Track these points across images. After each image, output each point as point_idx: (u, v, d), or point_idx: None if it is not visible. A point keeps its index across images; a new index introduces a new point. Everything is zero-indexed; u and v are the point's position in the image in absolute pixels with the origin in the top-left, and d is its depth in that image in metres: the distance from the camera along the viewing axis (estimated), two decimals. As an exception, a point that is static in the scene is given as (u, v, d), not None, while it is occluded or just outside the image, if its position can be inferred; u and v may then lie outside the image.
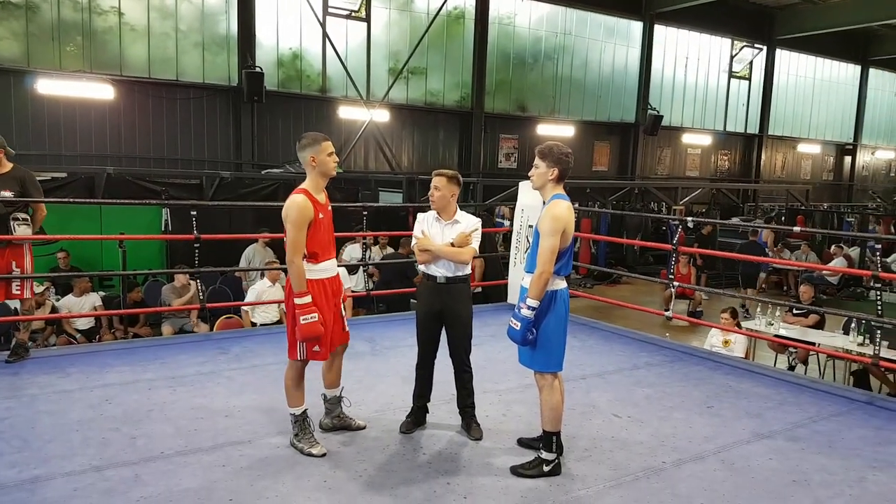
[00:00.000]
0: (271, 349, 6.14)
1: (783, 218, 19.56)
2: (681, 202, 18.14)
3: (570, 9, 20.42)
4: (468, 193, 14.53)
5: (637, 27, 21.90)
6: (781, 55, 25.66)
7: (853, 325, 7.97)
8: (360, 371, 5.45)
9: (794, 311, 9.13)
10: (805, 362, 8.71)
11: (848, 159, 29.73)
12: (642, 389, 5.42)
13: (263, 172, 14.13)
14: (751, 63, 25.00)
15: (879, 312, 5.77)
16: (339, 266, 4.46)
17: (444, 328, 4.32)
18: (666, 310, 7.52)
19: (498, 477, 3.81)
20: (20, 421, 4.32)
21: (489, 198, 13.87)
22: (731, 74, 24.69)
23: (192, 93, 15.07)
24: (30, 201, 5.73)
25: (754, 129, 25.85)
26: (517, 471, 3.84)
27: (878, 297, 5.87)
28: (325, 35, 16.46)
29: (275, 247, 10.44)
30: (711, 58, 24.06)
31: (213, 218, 10.46)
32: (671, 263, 7.52)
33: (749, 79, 25.25)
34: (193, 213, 6.52)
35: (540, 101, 20.56)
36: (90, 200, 9.61)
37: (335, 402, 4.35)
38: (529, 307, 3.69)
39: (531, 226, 7.61)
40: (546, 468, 3.82)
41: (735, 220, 18.56)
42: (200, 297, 7.05)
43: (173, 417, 4.47)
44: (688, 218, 7.36)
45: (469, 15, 18.64)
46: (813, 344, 8.15)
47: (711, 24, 23.25)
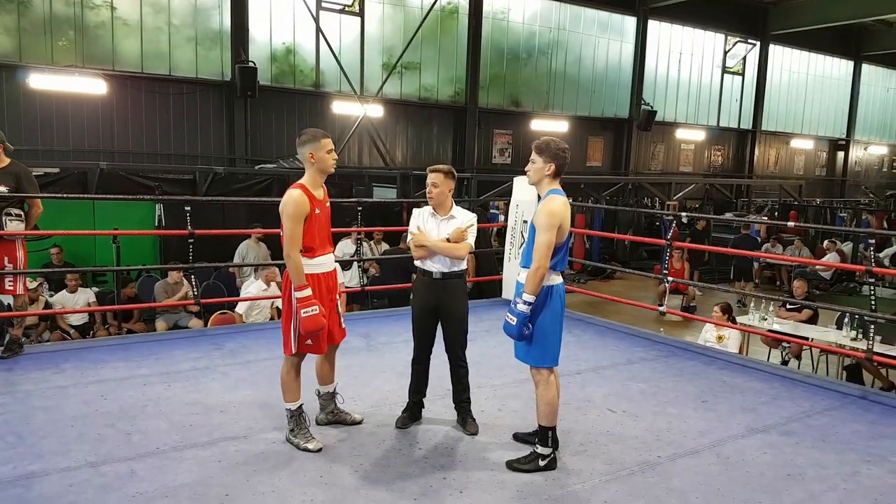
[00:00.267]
0: (266, 345, 6.13)
1: (776, 213, 19.61)
2: (674, 197, 18.17)
3: (564, 4, 20.43)
4: (462, 189, 14.51)
5: (631, 22, 21.91)
6: (775, 50, 25.72)
7: (846, 320, 8.00)
8: (356, 367, 5.45)
9: (788, 307, 9.16)
10: (798, 357, 8.75)
11: (841, 155, 29.86)
12: (637, 384, 5.43)
13: (257, 168, 14.12)
14: (744, 58, 25.05)
15: (873, 307, 5.80)
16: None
17: (440, 323, 4.32)
18: (660, 305, 7.54)
19: (494, 471, 3.82)
20: (15, 417, 4.30)
21: (483, 193, 13.86)
22: (725, 70, 24.75)
23: (185, 88, 15.02)
24: (24, 197, 5.70)
25: (748, 125, 25.93)
26: (513, 465, 3.84)
27: (872, 292, 5.89)
28: (319, 30, 16.42)
29: (268, 242, 10.43)
30: (705, 53, 24.10)
31: (207, 213, 10.43)
32: (665, 259, 7.54)
33: (742, 74, 25.30)
34: (187, 209, 6.49)
35: (534, 97, 20.56)
36: (83, 196, 9.58)
37: (329, 399, 4.35)
38: (525, 302, 3.69)
39: (526, 221, 7.61)
40: (542, 463, 3.83)
41: (728, 216, 18.64)
42: (195, 293, 7.03)
43: (168, 413, 4.46)
44: (682, 213, 7.37)
45: (463, 10, 18.63)
46: (806, 339, 8.19)
47: (705, 20, 23.30)
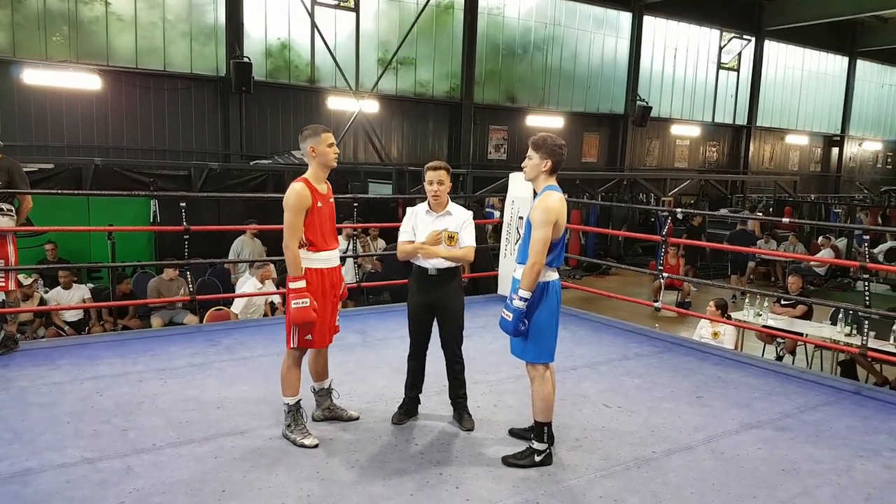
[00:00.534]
0: (262, 341, 6.14)
1: (771, 209, 19.67)
2: (669, 193, 18.21)
3: (560, -1, 20.45)
4: (458, 185, 14.52)
5: (626, 18, 21.91)
6: (770, 46, 25.75)
7: (840, 316, 8.04)
8: (352, 363, 5.46)
9: (783, 302, 9.20)
10: (793, 353, 8.78)
11: (835, 150, 29.92)
12: (632, 380, 5.45)
13: (252, 163, 14.09)
14: (739, 54, 25.07)
15: (867, 303, 5.82)
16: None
17: (436, 320, 4.33)
18: (655, 301, 7.56)
19: (490, 467, 3.83)
20: (11, 413, 4.30)
21: (479, 189, 13.88)
22: (720, 65, 24.77)
23: (180, 83, 14.98)
24: (15, 192, 5.69)
25: (743, 121, 25.97)
26: (509, 461, 3.86)
27: (866, 288, 5.92)
28: (314, 25, 16.38)
29: (264, 239, 10.41)
30: (700, 49, 24.12)
31: (202, 209, 10.41)
32: (660, 255, 7.55)
33: (738, 70, 25.33)
34: (182, 205, 6.48)
35: (529, 92, 20.56)
36: (78, 192, 9.54)
37: (325, 395, 4.36)
38: (521, 298, 3.70)
39: (521, 217, 7.62)
40: (537, 458, 3.84)
41: (723, 212, 18.68)
42: (190, 290, 7.02)
43: (164, 409, 4.46)
44: (677, 210, 7.39)
45: (458, 5, 18.60)
46: (801, 335, 8.22)
47: (700, 15, 23.31)
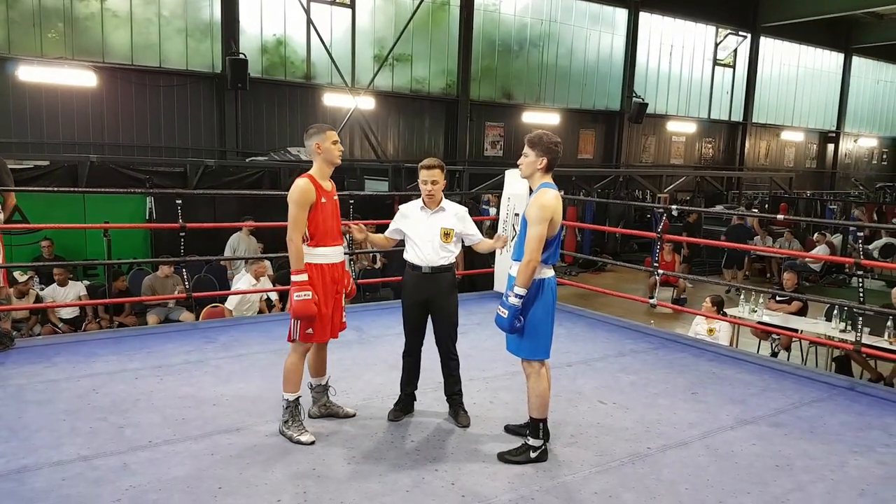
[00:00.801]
0: (258, 338, 6.15)
1: (766, 205, 19.72)
2: (665, 190, 18.23)
3: (556, -5, 20.44)
4: (454, 182, 14.53)
5: (622, 14, 21.90)
6: (766, 43, 25.77)
7: (835, 312, 8.07)
8: (348, 360, 5.47)
9: (777, 298, 9.23)
10: (788, 349, 8.82)
11: (831, 147, 29.96)
12: (627, 376, 5.47)
13: (248, 160, 14.07)
14: (735, 51, 25.07)
15: (861, 299, 5.85)
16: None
17: (430, 317, 4.34)
18: (650, 297, 7.58)
19: (485, 463, 3.84)
20: (7, 411, 4.30)
21: (475, 186, 13.87)
22: (716, 62, 24.78)
23: (176, 80, 14.94)
24: (4, 190, 5.68)
25: (738, 117, 25.99)
26: (504, 457, 3.87)
27: (860, 284, 5.94)
28: (310, 21, 16.35)
29: (259, 235, 10.41)
30: (696, 45, 24.12)
31: (198, 206, 10.42)
32: (655, 251, 7.58)
33: (733, 66, 25.34)
34: (178, 202, 6.48)
35: (525, 89, 20.54)
36: (73, 189, 9.54)
37: (321, 391, 4.37)
38: (517, 295, 3.71)
39: (517, 214, 7.62)
40: (533, 454, 3.86)
41: (719, 208, 18.73)
42: (186, 287, 7.02)
43: (160, 406, 4.47)
44: (672, 206, 7.41)
45: (454, 1, 18.56)
46: (796, 331, 8.25)
47: (696, 12, 23.32)
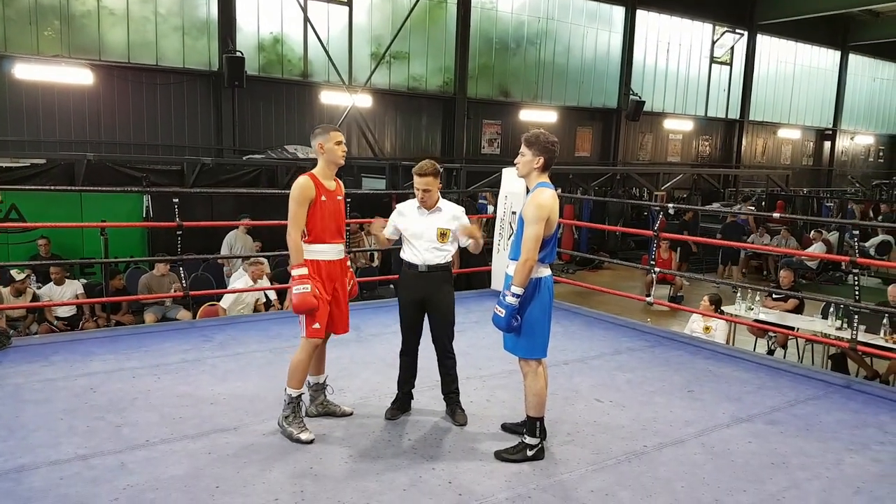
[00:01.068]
0: (255, 336, 6.16)
1: (763, 203, 19.74)
2: (662, 188, 18.24)
3: (553, -7, 20.43)
4: (451, 180, 14.52)
5: (619, 12, 21.90)
6: (762, 40, 25.80)
7: (831, 310, 8.09)
8: (345, 358, 5.47)
9: (774, 296, 9.25)
10: (784, 346, 8.84)
11: (827, 144, 30.03)
12: (624, 374, 5.48)
13: (245, 158, 14.06)
14: (732, 48, 25.10)
15: (857, 297, 5.87)
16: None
17: (427, 315, 4.35)
18: (647, 295, 7.60)
19: (482, 462, 3.85)
20: (5, 410, 4.31)
21: (472, 184, 13.87)
22: (713, 60, 24.80)
23: (173, 78, 14.92)
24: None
25: (735, 115, 26.02)
26: (501, 455, 3.88)
27: (856, 282, 5.96)
28: (307, 19, 16.33)
29: (257, 233, 10.40)
30: (693, 43, 24.14)
31: (195, 204, 10.41)
32: (652, 249, 7.59)
33: (730, 64, 25.36)
34: (175, 201, 6.48)
35: (523, 87, 20.54)
36: (70, 188, 9.53)
37: (319, 390, 4.38)
38: (514, 294, 3.72)
39: (515, 212, 7.63)
40: (530, 453, 3.87)
41: (716, 206, 18.75)
42: (183, 285, 7.02)
43: (158, 405, 4.47)
44: (669, 205, 7.42)
45: (451, -1, 18.58)
46: (792, 328, 8.28)
47: (693, 10, 23.33)
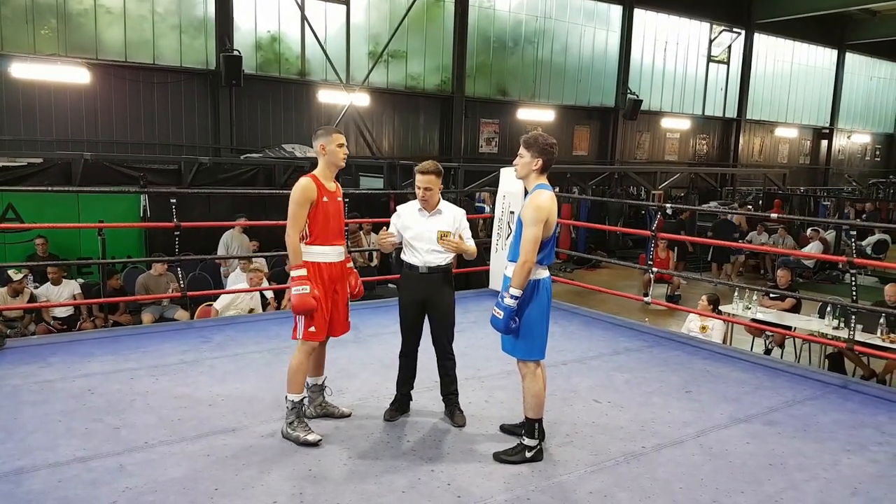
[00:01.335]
0: (253, 337, 6.15)
1: (760, 201, 19.77)
2: (660, 186, 18.25)
3: (550, -8, 20.43)
4: (449, 179, 14.51)
5: (616, 11, 21.92)
6: (760, 39, 25.83)
7: (828, 309, 8.11)
8: (344, 359, 5.47)
9: (771, 295, 9.27)
10: (781, 345, 8.86)
11: (824, 143, 30.07)
12: (622, 374, 5.49)
13: (242, 157, 14.05)
14: (729, 47, 25.13)
15: (854, 298, 5.88)
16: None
17: (427, 317, 4.35)
18: (645, 294, 7.61)
19: (481, 463, 3.86)
20: (2, 412, 4.30)
21: (470, 183, 13.87)
22: (710, 59, 24.82)
23: (170, 77, 14.90)
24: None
25: (732, 114, 26.05)
26: (500, 457, 3.89)
27: (853, 282, 5.97)
28: (304, 18, 16.32)
29: (254, 232, 10.39)
30: (690, 42, 24.16)
31: (192, 204, 10.39)
32: (650, 249, 7.60)
33: (727, 63, 25.39)
34: (173, 201, 6.47)
35: (520, 86, 20.55)
36: (67, 189, 9.52)
37: (318, 391, 4.37)
38: (512, 296, 3.73)
39: (513, 212, 7.64)
40: (528, 454, 3.88)
41: (713, 204, 18.77)
42: (181, 286, 7.02)
43: (156, 407, 4.47)
44: (666, 205, 7.43)
45: (449, -2, 18.57)
46: (789, 328, 8.30)
47: (690, 8, 23.36)
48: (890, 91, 32.20)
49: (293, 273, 3.98)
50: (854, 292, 5.89)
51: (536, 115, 20.70)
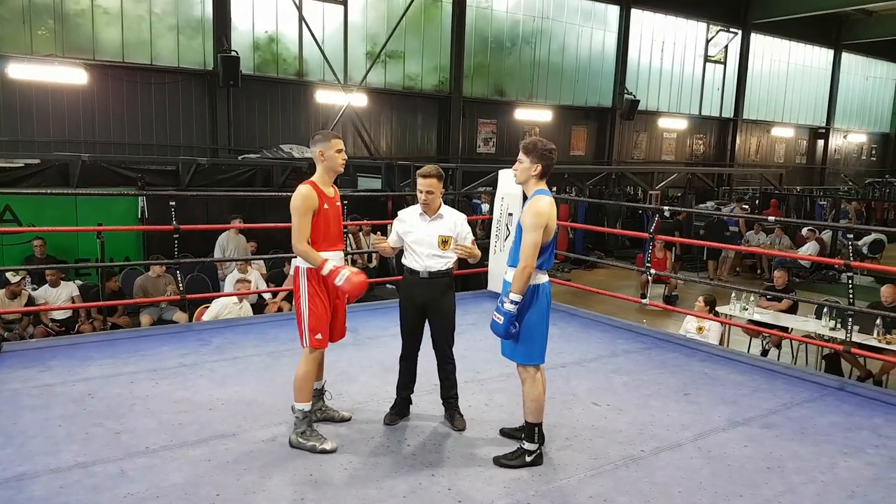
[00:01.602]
0: (253, 340, 6.15)
1: (757, 201, 19.81)
2: (657, 187, 18.29)
3: (548, -8, 20.45)
4: (447, 180, 14.51)
5: (614, 11, 21.96)
6: (756, 39, 25.89)
7: (825, 310, 8.14)
8: (343, 362, 5.48)
9: (768, 297, 9.30)
10: (779, 346, 8.89)
11: (821, 143, 30.16)
12: (620, 377, 5.51)
13: (240, 158, 14.05)
14: (726, 47, 25.19)
15: (851, 300, 5.91)
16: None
17: (428, 321, 4.37)
18: (642, 295, 7.63)
19: (482, 468, 3.87)
20: (3, 417, 4.30)
21: (468, 183, 13.88)
22: (707, 59, 24.88)
23: (167, 77, 14.90)
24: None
25: (729, 113, 26.12)
26: (500, 461, 3.91)
27: (850, 285, 5.98)
28: (302, 18, 16.32)
29: (251, 233, 10.38)
30: (687, 42, 24.21)
31: (190, 205, 10.37)
32: (647, 251, 7.63)
33: (724, 63, 25.45)
34: (172, 204, 6.47)
35: (518, 86, 20.57)
36: (65, 192, 9.52)
37: (318, 396, 4.37)
38: (512, 301, 3.75)
39: (511, 214, 7.66)
40: (528, 458, 3.89)
41: (710, 204, 18.82)
42: (179, 288, 7.02)
43: (156, 411, 4.47)
44: (664, 207, 7.46)
45: (447, -2, 18.58)
46: (786, 329, 8.33)
47: (687, 9, 23.40)
48: (886, 90, 32.31)
49: (324, 272, 3.94)
50: (851, 295, 5.91)
51: (534, 116, 20.73)
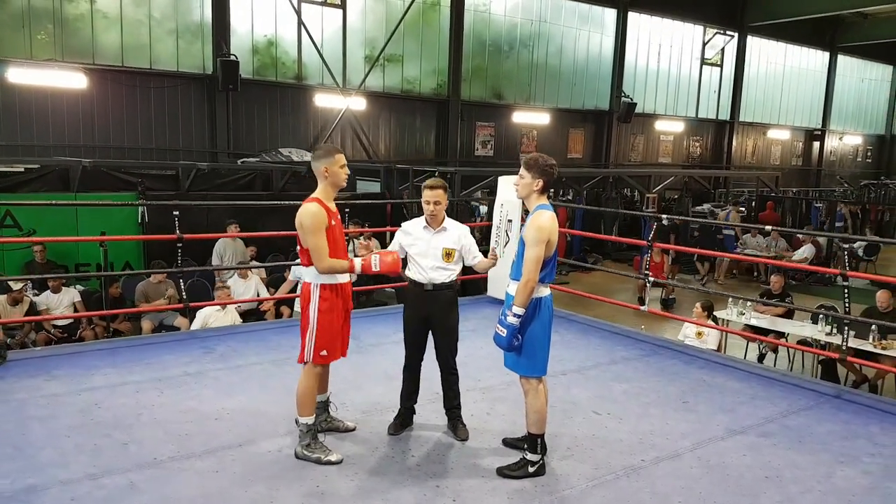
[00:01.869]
0: (255, 348, 6.19)
1: (753, 203, 19.90)
2: (654, 189, 18.37)
3: (545, -5, 20.53)
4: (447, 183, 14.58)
5: (611, 14, 22.03)
6: (752, 42, 26.00)
7: (822, 316, 8.22)
8: (346, 369, 5.50)
9: (765, 300, 9.39)
10: (775, 351, 8.97)
11: (816, 144, 30.28)
12: (620, 385, 5.56)
13: (240, 162, 14.08)
14: (722, 50, 25.28)
15: (847, 308, 5.97)
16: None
17: (431, 332, 4.42)
18: (640, 299, 7.70)
19: (485, 478, 3.93)
20: (11, 427, 4.33)
21: (466, 186, 13.93)
22: (703, 61, 24.97)
23: (167, 81, 14.94)
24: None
25: (725, 116, 26.21)
26: (503, 472, 3.96)
27: (846, 293, 6.04)
28: (301, 22, 16.36)
29: (251, 238, 10.40)
30: (684, 45, 24.30)
31: (191, 209, 10.41)
32: (645, 258, 7.69)
33: (721, 65, 25.54)
34: (176, 214, 6.51)
35: (516, 89, 20.64)
36: (65, 203, 9.57)
37: (322, 408, 4.42)
38: (515, 315, 3.81)
39: (511, 220, 7.71)
40: (531, 469, 3.95)
41: (706, 206, 18.92)
42: (182, 297, 7.07)
43: (163, 421, 4.51)
44: (663, 216, 7.53)
45: (445, 2, 18.63)
46: (783, 334, 8.41)
47: (684, 12, 23.49)
48: (881, 92, 32.45)
49: (356, 269, 4.00)
50: (847, 304, 5.98)
51: (531, 118, 20.80)
